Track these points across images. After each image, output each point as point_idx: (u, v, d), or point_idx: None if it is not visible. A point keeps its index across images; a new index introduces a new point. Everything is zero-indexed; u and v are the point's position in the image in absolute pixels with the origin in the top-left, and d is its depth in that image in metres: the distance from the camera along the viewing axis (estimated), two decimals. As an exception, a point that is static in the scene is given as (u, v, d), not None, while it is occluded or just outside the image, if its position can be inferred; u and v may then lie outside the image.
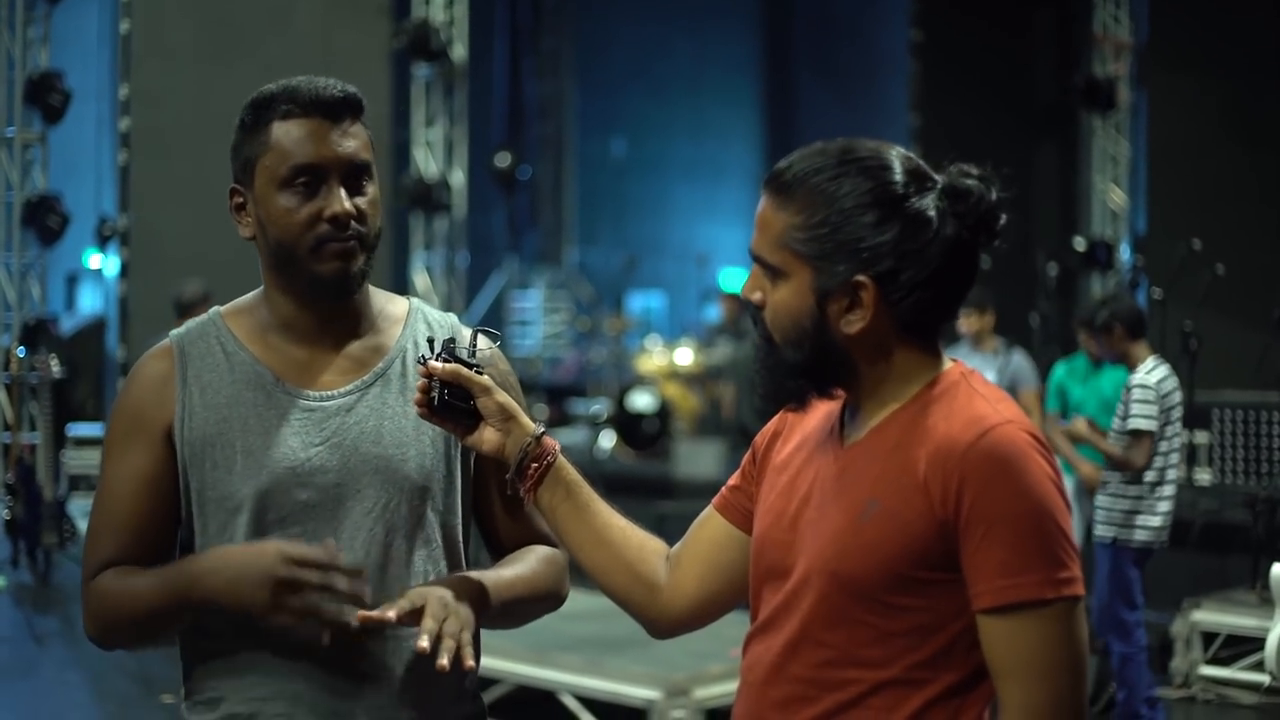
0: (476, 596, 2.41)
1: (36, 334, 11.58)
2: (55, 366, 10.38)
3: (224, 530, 2.44)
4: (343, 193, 2.43)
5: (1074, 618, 2.03)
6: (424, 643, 2.25)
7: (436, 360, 2.34)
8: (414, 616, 2.30)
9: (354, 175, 2.46)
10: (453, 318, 2.66)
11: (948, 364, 2.18)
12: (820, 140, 2.19)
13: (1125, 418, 6.81)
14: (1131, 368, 6.96)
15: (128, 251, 12.82)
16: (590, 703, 6.67)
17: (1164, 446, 6.87)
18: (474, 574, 2.48)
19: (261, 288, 2.56)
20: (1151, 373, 6.87)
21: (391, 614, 2.28)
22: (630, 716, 6.41)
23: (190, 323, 2.58)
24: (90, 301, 17.48)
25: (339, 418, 2.47)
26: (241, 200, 2.52)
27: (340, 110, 2.48)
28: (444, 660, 2.25)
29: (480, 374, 2.37)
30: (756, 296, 2.18)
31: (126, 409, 2.51)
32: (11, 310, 12.08)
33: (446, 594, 2.34)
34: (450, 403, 2.34)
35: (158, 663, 8.27)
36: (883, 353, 2.14)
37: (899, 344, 2.14)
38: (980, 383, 2.15)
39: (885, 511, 2.07)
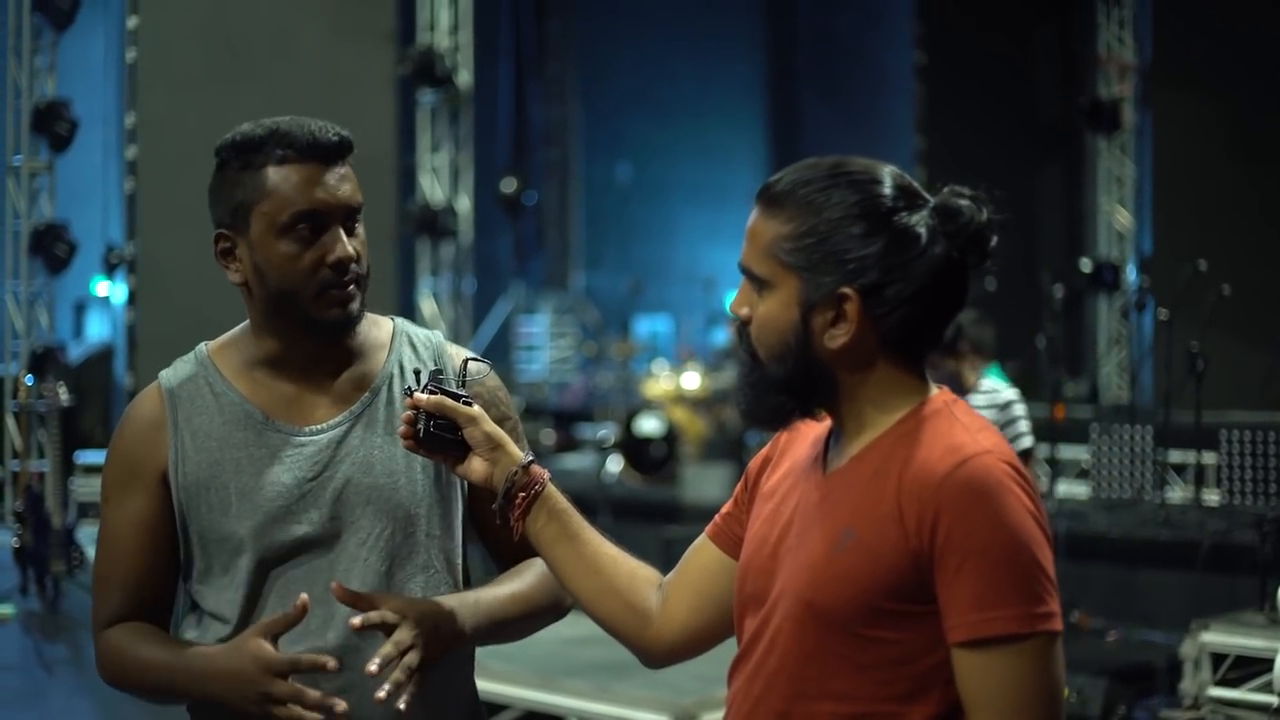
0: (466, 617, 2.43)
1: (44, 362, 11.60)
2: (63, 394, 10.39)
3: (227, 570, 2.47)
4: (343, 237, 2.44)
5: (1051, 653, 2.00)
6: (372, 668, 2.28)
7: (422, 391, 2.34)
8: (383, 628, 2.33)
9: (350, 218, 2.46)
10: (438, 335, 2.67)
11: (933, 390, 2.15)
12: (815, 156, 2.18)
13: (1010, 440, 6.27)
14: (966, 386, 6.52)
15: (135, 279, 12.83)
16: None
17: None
18: (469, 594, 2.50)
19: (247, 322, 2.57)
20: (1011, 388, 6.62)
21: (356, 621, 2.31)
22: (639, 741, 6.41)
23: (178, 363, 2.59)
24: (98, 329, 17.50)
25: (329, 451, 2.48)
26: (229, 245, 2.49)
27: (336, 154, 2.46)
28: (381, 694, 2.26)
29: (468, 404, 2.36)
30: (744, 312, 2.16)
31: (120, 455, 2.55)
32: (19, 338, 12.10)
33: (425, 620, 2.35)
34: (436, 434, 2.34)
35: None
36: (867, 372, 2.11)
37: (884, 364, 2.11)
38: (963, 411, 2.12)
39: (860, 542, 2.04)
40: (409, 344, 2.61)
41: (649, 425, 14.72)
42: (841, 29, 22.39)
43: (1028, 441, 6.46)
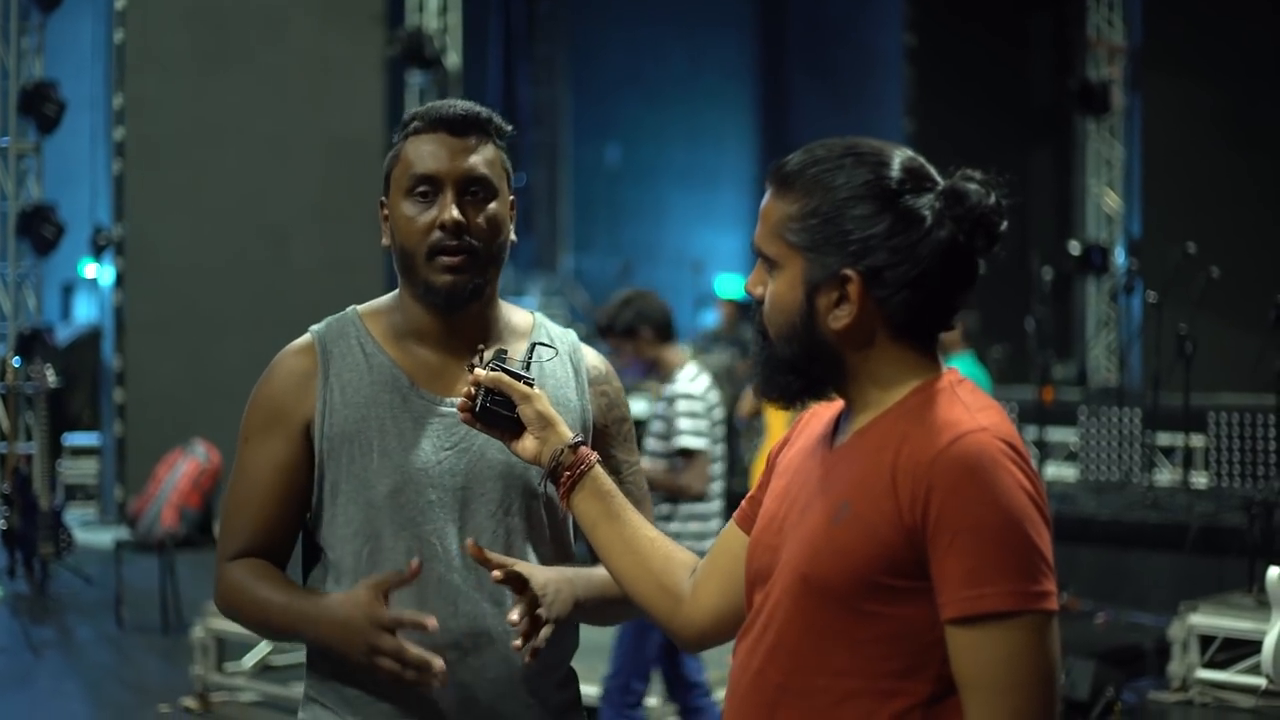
0: (580, 589, 2.55)
1: (32, 344, 11.58)
2: (51, 376, 10.39)
3: (352, 522, 2.58)
4: (451, 201, 2.57)
5: (1044, 632, 1.98)
6: (514, 615, 2.40)
7: (484, 368, 2.43)
8: (516, 584, 2.43)
9: (470, 189, 2.59)
10: (573, 334, 2.80)
11: (942, 370, 2.14)
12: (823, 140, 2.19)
13: (669, 435, 5.96)
14: (663, 377, 6.17)
15: (123, 261, 12.82)
16: (588, 709, 6.65)
17: (717, 469, 6.06)
18: (583, 569, 2.62)
19: (397, 290, 2.71)
20: (695, 380, 6.07)
21: (498, 574, 2.41)
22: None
23: (330, 320, 2.71)
24: (86, 311, 17.48)
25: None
26: (386, 212, 2.67)
27: (463, 127, 2.61)
28: (518, 642, 2.41)
29: (529, 384, 2.45)
30: (758, 291, 2.17)
31: (268, 400, 2.65)
32: (7, 320, 12.08)
33: (553, 582, 2.49)
34: (493, 410, 2.43)
35: (154, 672, 8.27)
36: (872, 353, 2.11)
37: (890, 346, 2.11)
38: (967, 391, 2.10)
39: (855, 515, 2.04)
40: (547, 335, 2.75)
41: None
42: (832, 11, 22.37)
43: (684, 441, 5.89)
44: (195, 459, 11.40)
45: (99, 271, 14.04)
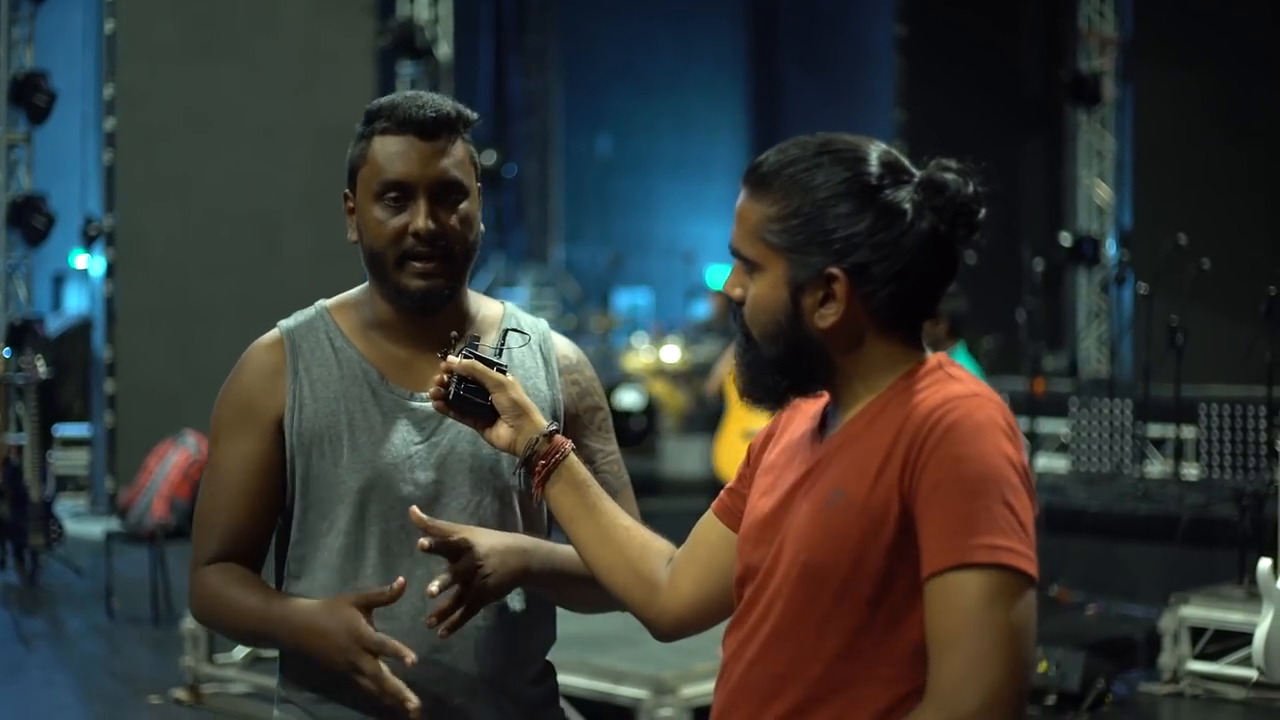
0: (536, 560, 2.52)
1: (23, 335, 11.57)
2: (41, 367, 10.37)
3: (325, 518, 2.57)
4: (424, 210, 2.52)
5: (1014, 592, 1.93)
6: (433, 587, 2.39)
7: (457, 356, 2.43)
8: (450, 553, 2.42)
9: (443, 192, 2.55)
10: (544, 324, 2.78)
11: (928, 355, 2.15)
12: (802, 135, 2.18)
13: None
14: None
15: (113, 251, 12.80)
16: (577, 701, 6.65)
17: None
18: (546, 543, 2.59)
19: (366, 284, 2.67)
20: None
21: (424, 541, 2.40)
22: (618, 715, 6.41)
23: (298, 315, 2.68)
24: (76, 302, 17.45)
25: (438, 418, 2.57)
26: (351, 206, 2.63)
27: (434, 129, 2.55)
28: (431, 619, 2.41)
29: (503, 372, 2.44)
30: (737, 293, 2.17)
31: (237, 397, 2.62)
32: (-3, 311, 12.06)
33: (497, 551, 2.46)
34: (466, 397, 2.42)
35: (145, 663, 8.26)
36: (859, 348, 2.11)
37: (877, 339, 2.11)
38: (957, 370, 2.12)
39: (849, 499, 2.04)
40: (517, 326, 2.71)
41: (629, 398, 14.73)
42: (823, 3, 22.33)
43: None
44: (186, 450, 11.38)
45: (90, 262, 14.01)
